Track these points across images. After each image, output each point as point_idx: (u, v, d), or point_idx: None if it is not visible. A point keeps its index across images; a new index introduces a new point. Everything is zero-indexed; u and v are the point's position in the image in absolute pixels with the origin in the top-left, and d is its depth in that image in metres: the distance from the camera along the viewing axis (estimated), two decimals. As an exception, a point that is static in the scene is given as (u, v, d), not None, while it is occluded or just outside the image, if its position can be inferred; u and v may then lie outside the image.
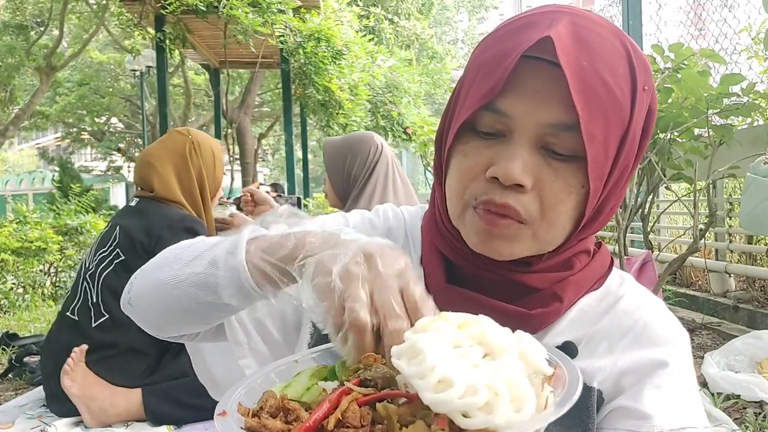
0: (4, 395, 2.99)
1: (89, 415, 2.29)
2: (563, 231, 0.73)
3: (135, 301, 0.80)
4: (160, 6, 5.90)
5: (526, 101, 0.68)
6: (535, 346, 0.50)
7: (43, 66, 13.91)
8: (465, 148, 0.73)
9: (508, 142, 0.70)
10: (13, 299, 5.60)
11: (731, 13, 4.64)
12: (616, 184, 0.73)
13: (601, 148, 0.68)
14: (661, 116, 2.79)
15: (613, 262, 0.85)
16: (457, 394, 0.43)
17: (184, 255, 0.75)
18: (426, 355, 0.45)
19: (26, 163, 33.69)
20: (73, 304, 2.44)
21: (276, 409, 0.50)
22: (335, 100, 7.26)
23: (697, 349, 3.50)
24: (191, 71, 16.34)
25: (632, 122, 0.70)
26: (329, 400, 0.48)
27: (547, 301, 0.76)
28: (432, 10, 16.08)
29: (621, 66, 0.69)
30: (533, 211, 0.69)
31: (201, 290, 0.70)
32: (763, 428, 2.37)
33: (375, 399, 0.48)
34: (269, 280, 0.66)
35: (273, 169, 28.90)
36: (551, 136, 0.68)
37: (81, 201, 9.14)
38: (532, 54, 0.68)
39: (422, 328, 0.50)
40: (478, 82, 0.71)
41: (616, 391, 0.75)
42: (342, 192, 2.58)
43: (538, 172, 0.69)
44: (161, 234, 2.38)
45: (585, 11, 0.74)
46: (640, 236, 4.42)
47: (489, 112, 0.70)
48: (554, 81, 0.67)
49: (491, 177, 0.69)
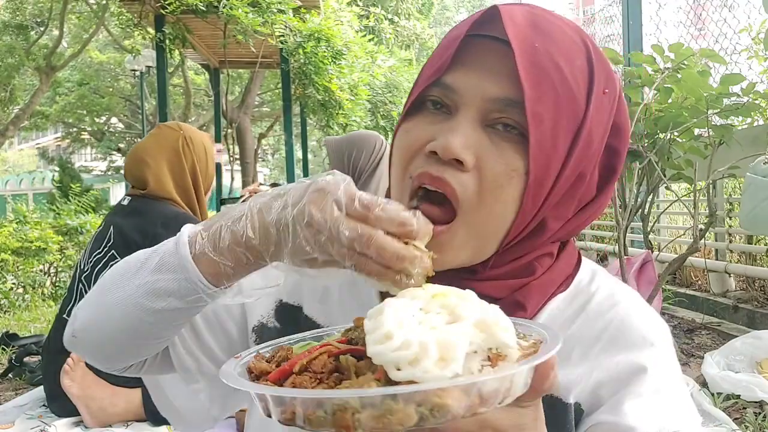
0: (4, 395, 2.99)
1: (89, 415, 2.29)
2: (501, 222, 0.67)
3: (79, 333, 0.77)
4: (160, 6, 5.90)
5: (473, 75, 0.67)
6: (501, 319, 0.51)
7: (43, 66, 13.92)
8: (409, 125, 0.70)
9: (453, 116, 0.68)
10: (13, 299, 5.60)
11: (731, 13, 4.64)
12: (572, 188, 0.69)
13: (547, 134, 0.65)
14: (661, 116, 2.80)
15: (581, 258, 0.80)
16: (392, 347, 0.46)
17: (126, 271, 0.73)
18: (383, 315, 0.49)
19: (26, 163, 33.70)
20: (70, 305, 2.44)
21: (282, 359, 0.55)
22: (335, 100, 7.26)
23: (697, 349, 3.50)
24: (191, 71, 16.35)
25: (587, 120, 0.67)
26: (309, 351, 0.53)
27: (509, 311, 0.69)
28: (432, 10, 16.09)
29: (578, 59, 0.67)
30: (470, 191, 0.66)
31: (149, 299, 0.68)
32: (763, 428, 2.37)
33: (344, 352, 0.52)
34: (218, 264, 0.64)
35: (273, 169, 28.90)
36: (497, 112, 0.66)
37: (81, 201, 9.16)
38: (485, 32, 0.67)
39: (401, 294, 0.54)
40: (430, 63, 0.71)
41: (595, 402, 0.71)
42: None
43: (481, 150, 0.66)
44: (156, 232, 2.35)
45: (548, 9, 0.72)
46: (640, 236, 4.43)
47: (436, 87, 0.69)
48: (504, 57, 0.65)
49: (430, 151, 0.66)
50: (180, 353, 0.82)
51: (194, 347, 0.83)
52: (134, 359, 0.80)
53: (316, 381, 0.50)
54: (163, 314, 0.69)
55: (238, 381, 0.50)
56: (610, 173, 0.74)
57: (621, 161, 0.73)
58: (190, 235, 0.67)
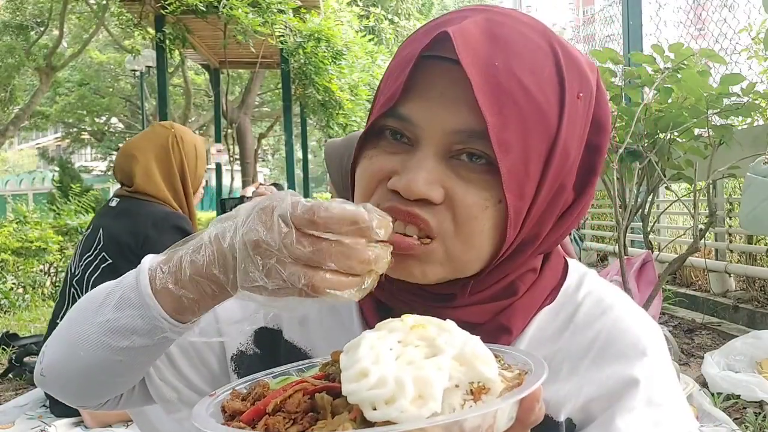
0: (4, 395, 2.99)
1: (89, 415, 2.29)
2: (481, 252, 0.64)
3: (47, 371, 0.74)
4: (160, 6, 5.90)
5: (430, 106, 0.62)
6: (481, 351, 0.49)
7: (43, 66, 13.92)
8: (372, 153, 0.66)
9: (414, 150, 0.63)
10: (13, 299, 5.60)
11: (731, 13, 4.64)
12: (551, 203, 0.65)
13: (518, 161, 0.60)
14: (661, 116, 2.80)
15: (567, 265, 0.76)
16: (367, 385, 0.44)
17: (88, 306, 0.70)
18: (359, 350, 0.47)
19: (26, 163, 33.71)
20: (63, 311, 2.42)
21: (259, 397, 0.52)
22: (335, 100, 7.26)
23: (697, 349, 3.50)
24: (191, 71, 16.34)
25: (561, 133, 0.62)
26: (284, 388, 0.51)
27: (494, 335, 0.67)
28: (432, 10, 16.08)
29: (546, 68, 0.62)
30: (446, 224, 0.62)
31: (115, 336, 0.65)
32: (763, 428, 2.37)
33: (320, 390, 0.50)
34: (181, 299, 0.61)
35: (273, 169, 28.91)
36: (459, 144, 0.61)
37: (81, 201, 9.16)
38: (439, 54, 0.61)
39: (379, 326, 0.51)
40: (383, 88, 0.67)
41: (587, 417, 0.68)
42: (344, 190, 2.59)
43: (448, 184, 0.61)
44: (147, 233, 2.34)
45: (512, 10, 0.67)
46: (640, 236, 4.43)
47: (393, 118, 0.63)
48: (461, 82, 0.59)
49: (392, 189, 0.62)
50: (157, 384, 0.78)
51: (171, 377, 0.78)
52: (107, 396, 0.77)
53: (290, 422, 0.47)
54: (129, 352, 0.65)
55: (208, 423, 0.48)
56: (589, 173, 0.68)
57: (602, 158, 0.68)
58: (150, 268, 0.64)
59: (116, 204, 2.50)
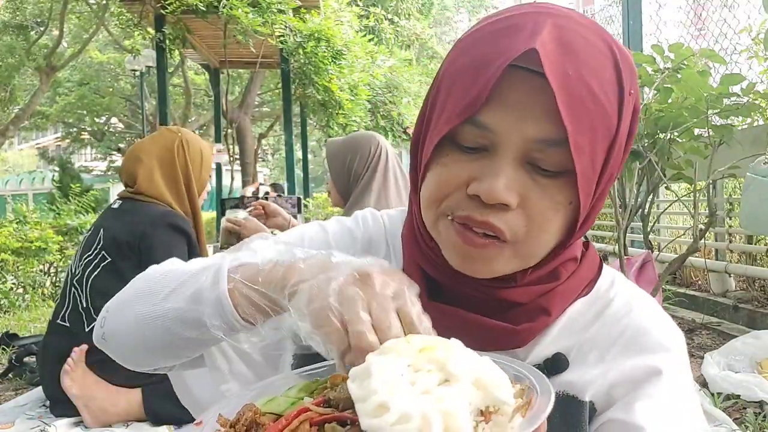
0: (4, 395, 2.99)
1: (89, 415, 2.29)
2: (547, 247, 0.69)
3: (109, 336, 0.77)
4: (160, 6, 5.90)
5: (510, 114, 0.64)
6: (497, 375, 0.49)
7: (43, 66, 13.90)
8: (445, 160, 0.68)
9: (492, 157, 0.65)
10: (13, 299, 5.60)
11: (731, 13, 4.64)
12: (602, 194, 0.70)
13: (588, 161, 0.64)
14: (661, 116, 2.79)
15: (602, 264, 0.81)
16: (390, 420, 0.43)
17: (159, 288, 0.72)
18: (372, 379, 0.45)
19: (26, 163, 33.67)
20: (63, 311, 2.44)
21: (251, 423, 0.51)
22: (335, 100, 7.26)
23: (697, 349, 3.50)
24: (191, 71, 16.33)
25: (620, 129, 0.66)
26: (286, 418, 0.49)
27: (533, 316, 0.72)
28: (432, 10, 16.07)
29: (607, 71, 0.65)
30: (518, 229, 0.66)
31: (183, 326, 0.68)
32: (763, 428, 2.37)
33: (327, 420, 0.48)
34: (258, 310, 0.64)
35: (273, 169, 28.89)
36: (537, 152, 0.64)
37: (81, 201, 9.17)
38: (515, 63, 0.63)
39: (385, 350, 0.50)
40: (457, 91, 0.66)
41: (608, 401, 0.73)
42: (344, 190, 2.60)
43: (524, 190, 0.65)
44: (144, 231, 2.36)
45: (567, 10, 0.69)
46: (640, 236, 4.42)
47: (470, 125, 0.65)
48: (539, 92, 0.62)
49: (473, 194, 0.65)
50: (212, 353, 0.82)
51: (227, 347, 0.82)
52: (165, 365, 0.80)
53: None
54: (194, 341, 0.69)
55: None
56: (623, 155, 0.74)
57: (631, 142, 0.73)
58: (230, 270, 0.67)
59: (118, 206, 2.55)
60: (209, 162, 2.68)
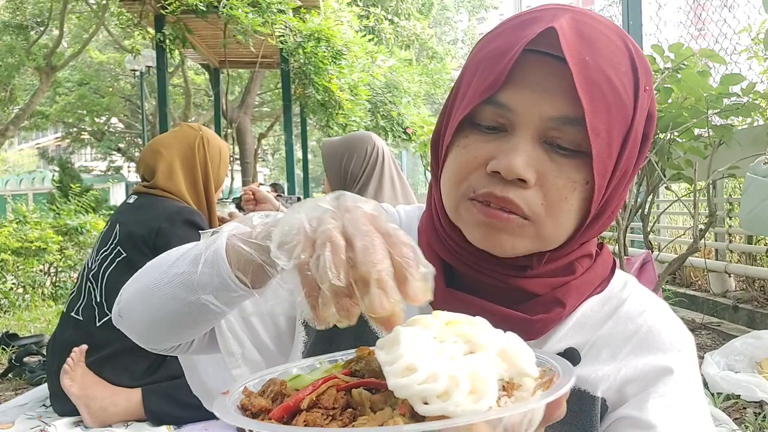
0: (4, 395, 2.99)
1: (89, 414, 2.28)
2: (567, 229, 0.71)
3: (124, 312, 0.78)
4: (160, 6, 5.89)
5: (528, 94, 0.67)
6: (522, 348, 0.50)
7: (43, 66, 13.89)
8: (465, 142, 0.71)
9: (511, 135, 0.68)
10: (13, 299, 5.60)
11: (731, 13, 4.64)
12: (618, 185, 0.72)
13: (605, 144, 0.67)
14: (661, 116, 2.79)
15: (615, 264, 0.83)
16: (417, 380, 0.44)
17: (169, 258, 0.74)
18: (401, 345, 0.46)
19: (26, 163, 33.69)
20: (78, 304, 2.44)
21: (276, 394, 0.51)
22: (335, 100, 7.25)
23: (697, 349, 3.49)
24: (191, 71, 16.33)
25: (635, 121, 0.69)
26: (313, 385, 0.50)
27: (548, 307, 0.74)
28: (432, 10, 16.08)
29: (623, 64, 0.68)
30: (537, 207, 0.68)
31: (186, 290, 0.68)
32: (763, 428, 2.37)
33: (354, 386, 0.49)
34: (251, 266, 0.63)
35: (273, 169, 28.89)
36: (555, 130, 0.67)
37: (81, 201, 9.15)
38: (534, 48, 0.67)
39: (412, 322, 0.51)
40: (479, 76, 0.70)
41: (620, 399, 0.74)
42: (341, 189, 2.60)
43: (541, 167, 0.67)
44: (160, 226, 2.37)
45: (586, 10, 0.73)
46: (640, 236, 4.42)
47: (490, 105, 0.68)
48: (557, 74, 0.66)
49: (492, 171, 0.67)
50: (226, 336, 0.82)
51: (241, 332, 0.83)
52: (175, 342, 0.80)
53: (329, 418, 0.46)
54: (197, 306, 0.68)
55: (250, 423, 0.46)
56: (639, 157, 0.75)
57: (648, 146, 0.75)
58: (230, 231, 0.67)
59: (134, 201, 2.56)
60: (227, 160, 2.71)
